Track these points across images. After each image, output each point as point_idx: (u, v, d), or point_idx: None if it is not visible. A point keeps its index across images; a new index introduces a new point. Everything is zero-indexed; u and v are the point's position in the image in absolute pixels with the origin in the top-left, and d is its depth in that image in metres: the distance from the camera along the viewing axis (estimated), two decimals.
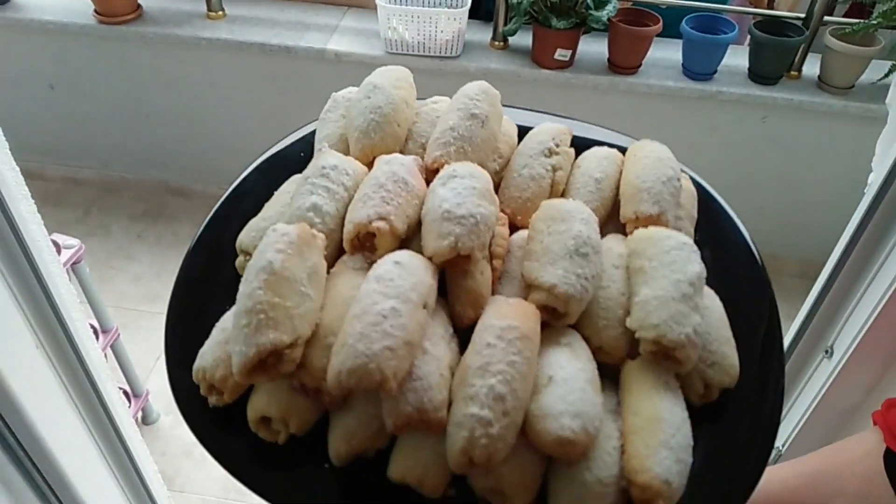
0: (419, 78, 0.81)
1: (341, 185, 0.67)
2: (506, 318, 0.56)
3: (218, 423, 0.58)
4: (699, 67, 2.22)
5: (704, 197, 0.78)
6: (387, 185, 0.64)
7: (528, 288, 0.62)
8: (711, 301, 0.65)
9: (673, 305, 0.58)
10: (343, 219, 0.65)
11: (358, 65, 2.26)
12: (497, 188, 0.74)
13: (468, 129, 0.71)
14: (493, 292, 0.63)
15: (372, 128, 0.72)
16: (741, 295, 0.69)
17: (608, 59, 2.25)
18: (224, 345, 0.58)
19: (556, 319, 0.60)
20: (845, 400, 1.05)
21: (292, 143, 0.84)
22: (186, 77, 2.49)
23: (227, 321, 0.60)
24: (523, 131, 0.81)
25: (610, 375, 0.62)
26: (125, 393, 1.87)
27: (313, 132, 0.83)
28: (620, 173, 0.75)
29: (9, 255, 0.85)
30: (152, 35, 2.34)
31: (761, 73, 2.22)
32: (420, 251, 0.62)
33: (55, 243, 1.45)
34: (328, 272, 0.61)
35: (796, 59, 2.23)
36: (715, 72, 2.24)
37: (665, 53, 2.32)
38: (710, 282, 0.64)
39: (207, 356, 0.58)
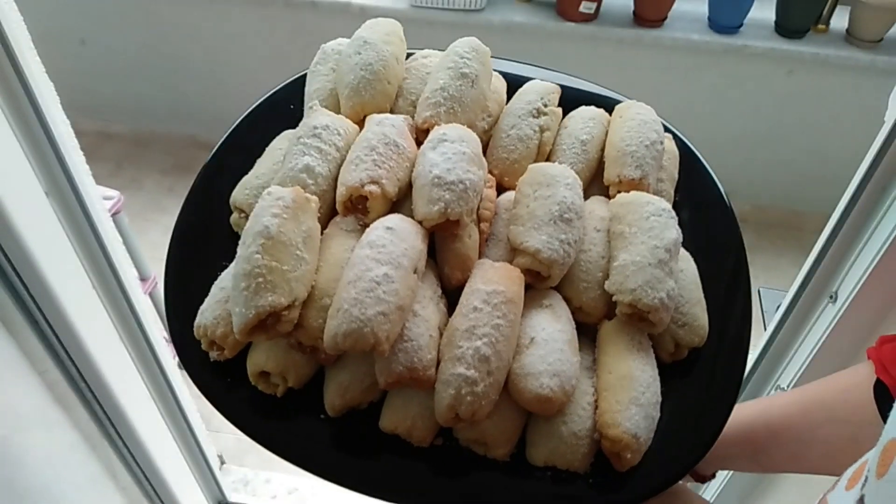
0: (443, 31, 0.81)
1: (333, 145, 0.68)
2: (492, 283, 0.59)
3: (219, 376, 0.62)
4: (725, 20, 2.18)
5: (687, 155, 0.80)
6: (378, 147, 0.65)
7: (513, 251, 0.65)
8: (686, 264, 0.69)
9: (649, 271, 0.61)
10: (335, 179, 0.67)
11: None
12: (486, 146, 0.76)
13: (458, 90, 0.72)
14: (481, 254, 0.66)
15: (363, 86, 0.73)
16: (715, 254, 0.73)
17: (634, 12, 2.22)
18: (223, 303, 0.61)
19: (539, 282, 0.64)
20: (847, 342, 1.09)
21: (278, 92, 0.84)
22: (213, 32, 2.50)
23: (225, 280, 0.63)
24: (511, 83, 0.82)
25: (588, 333, 0.66)
26: (164, 339, 1.93)
27: (299, 80, 0.83)
28: (606, 134, 0.77)
29: (66, 206, 0.93)
30: None
31: (788, 27, 2.18)
32: (410, 213, 0.65)
33: None
34: (321, 232, 0.64)
35: (824, 12, 2.19)
36: (741, 25, 2.20)
37: (691, 6, 2.28)
38: (686, 242, 0.67)
39: (207, 314, 0.61)
